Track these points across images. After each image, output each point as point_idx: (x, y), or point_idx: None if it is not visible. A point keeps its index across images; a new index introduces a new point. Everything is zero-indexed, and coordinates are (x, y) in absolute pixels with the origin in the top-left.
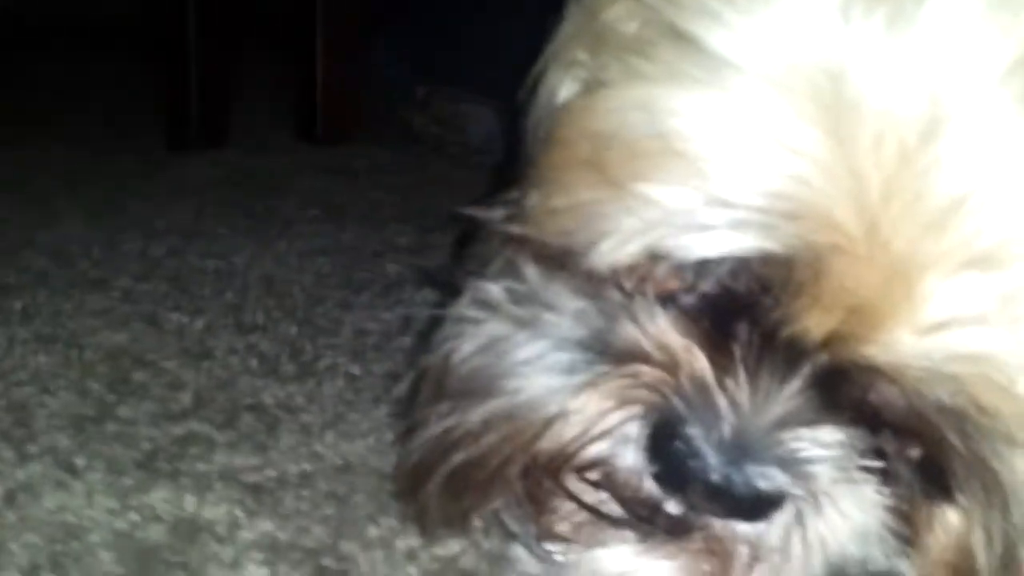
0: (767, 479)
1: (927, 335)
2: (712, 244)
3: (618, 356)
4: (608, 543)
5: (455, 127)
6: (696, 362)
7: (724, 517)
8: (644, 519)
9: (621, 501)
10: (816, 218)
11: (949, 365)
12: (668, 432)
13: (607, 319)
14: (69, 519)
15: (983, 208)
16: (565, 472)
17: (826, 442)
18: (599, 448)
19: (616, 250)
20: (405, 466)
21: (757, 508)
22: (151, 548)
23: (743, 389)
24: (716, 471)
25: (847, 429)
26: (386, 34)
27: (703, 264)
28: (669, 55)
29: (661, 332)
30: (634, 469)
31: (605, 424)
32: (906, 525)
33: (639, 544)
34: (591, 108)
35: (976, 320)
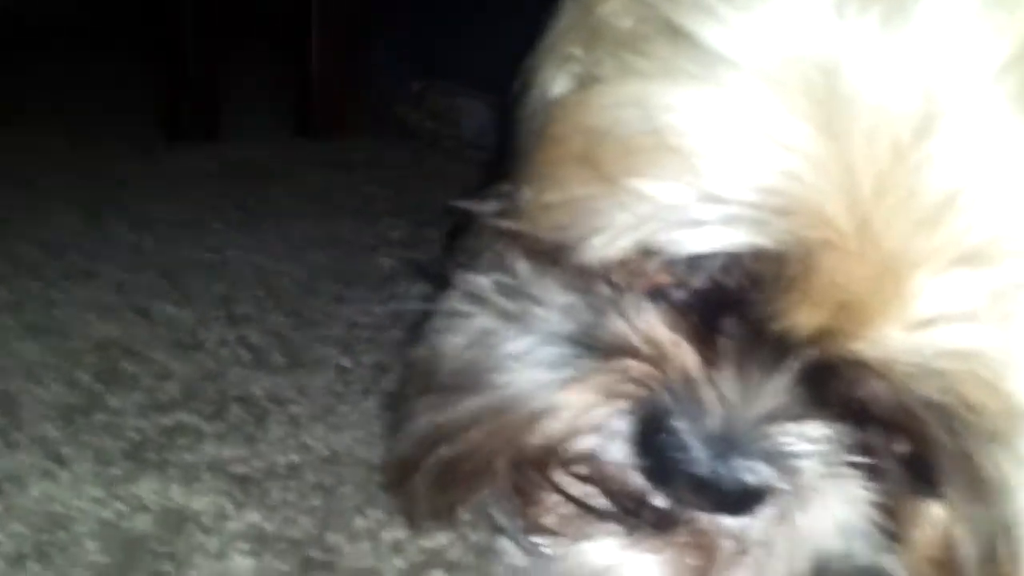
0: (753, 473)
1: (916, 331)
2: (704, 240)
3: (606, 351)
4: (594, 536)
5: (450, 121)
6: (684, 356)
7: (710, 511)
8: (630, 512)
9: (608, 494)
10: (808, 214)
11: (938, 361)
12: (655, 426)
13: (596, 314)
14: (56, 508)
15: (975, 205)
16: (552, 466)
17: (813, 437)
18: (586, 442)
19: (608, 245)
20: (393, 458)
21: (743, 502)
22: (137, 538)
23: (730, 383)
24: (702, 464)
25: (834, 424)
26: (382, 29)
27: (694, 259)
28: (664, 51)
29: (649, 327)
30: (621, 463)
31: (592, 418)
32: (892, 520)
33: (625, 537)
34: (585, 103)
35: (966, 317)
